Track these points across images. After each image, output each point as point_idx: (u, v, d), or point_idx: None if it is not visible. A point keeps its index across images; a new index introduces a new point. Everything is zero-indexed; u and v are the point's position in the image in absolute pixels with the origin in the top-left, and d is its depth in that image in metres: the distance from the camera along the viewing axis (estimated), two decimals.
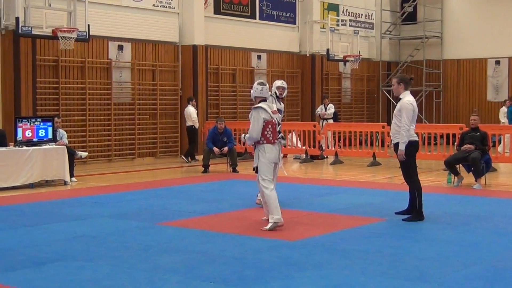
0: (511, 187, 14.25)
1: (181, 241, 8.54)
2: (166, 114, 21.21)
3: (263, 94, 9.69)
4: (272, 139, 9.49)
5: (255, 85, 9.76)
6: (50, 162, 14.33)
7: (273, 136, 9.50)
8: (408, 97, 10.04)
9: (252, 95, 9.80)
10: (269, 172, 9.47)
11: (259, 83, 9.77)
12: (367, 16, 28.87)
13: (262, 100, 9.67)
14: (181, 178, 16.26)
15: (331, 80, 27.15)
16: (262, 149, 9.46)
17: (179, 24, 21.33)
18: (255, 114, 9.50)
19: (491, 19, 27.53)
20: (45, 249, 8.12)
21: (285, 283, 6.54)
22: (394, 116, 10.17)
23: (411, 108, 9.93)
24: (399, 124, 9.99)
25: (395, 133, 10.08)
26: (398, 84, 10.18)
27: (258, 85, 9.74)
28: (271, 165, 9.56)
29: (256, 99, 9.72)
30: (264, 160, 9.44)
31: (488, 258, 7.56)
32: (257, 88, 9.70)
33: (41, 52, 17.98)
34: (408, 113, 9.90)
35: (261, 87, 9.69)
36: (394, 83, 10.25)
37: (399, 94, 10.19)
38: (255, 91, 9.72)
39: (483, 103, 27.88)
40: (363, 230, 9.24)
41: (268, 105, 9.65)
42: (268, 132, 9.45)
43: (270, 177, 9.49)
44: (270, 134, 9.46)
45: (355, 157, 20.12)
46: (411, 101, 9.99)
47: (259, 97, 9.68)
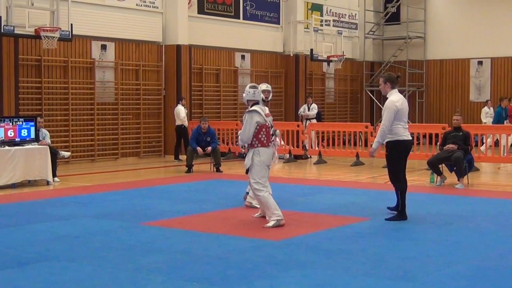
0: (493, 187, 14.33)
1: (164, 241, 8.52)
2: (149, 114, 21.16)
3: (256, 97, 9.75)
4: (266, 142, 9.59)
5: (247, 89, 9.82)
6: (32, 162, 14.25)
7: (267, 139, 9.61)
8: (393, 97, 10.00)
9: (244, 99, 9.87)
10: (262, 175, 9.55)
11: (251, 87, 9.84)
12: (350, 17, 28.94)
13: (255, 103, 9.74)
14: (164, 178, 16.23)
15: (314, 80, 27.20)
16: (256, 152, 9.55)
17: (163, 23, 21.29)
18: (248, 117, 9.58)
19: (474, 20, 27.69)
20: (28, 249, 8.07)
21: (269, 282, 6.54)
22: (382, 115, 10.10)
23: (393, 108, 9.84)
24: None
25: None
26: (384, 83, 10.16)
27: (250, 88, 9.80)
28: (264, 168, 9.62)
29: (248, 102, 9.79)
30: (258, 163, 9.53)
31: (470, 257, 7.59)
32: (250, 91, 9.76)
33: (23, 52, 17.88)
34: (389, 113, 9.83)
35: (253, 90, 9.76)
36: (381, 82, 10.22)
37: (386, 93, 10.15)
38: (247, 94, 9.78)
39: (466, 103, 28.04)
40: (346, 230, 9.26)
41: (261, 108, 9.73)
42: (262, 135, 9.55)
43: (263, 180, 9.56)
44: (264, 137, 9.56)
45: (338, 157, 20.16)
46: (395, 101, 9.91)
47: (251, 100, 9.76)
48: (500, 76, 27.37)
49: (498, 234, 8.97)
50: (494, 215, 10.53)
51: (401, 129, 9.97)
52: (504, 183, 15.08)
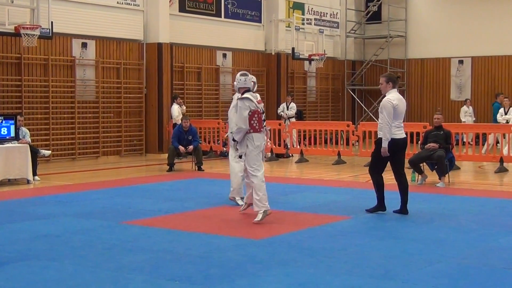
0: (474, 185, 14.41)
1: (146, 240, 8.49)
2: (130, 112, 21.08)
3: (247, 85, 9.97)
4: (259, 128, 9.78)
5: (238, 77, 10.06)
6: (12, 160, 14.15)
7: (259, 124, 9.78)
8: (391, 95, 10.13)
9: (235, 87, 10.09)
10: (256, 160, 9.76)
11: (241, 74, 10.08)
12: (332, 15, 28.99)
13: (246, 91, 9.91)
14: (146, 177, 16.17)
15: (296, 78, 27.22)
16: (250, 138, 9.74)
17: (144, 21, 21.21)
18: (241, 104, 9.75)
19: (454, 19, 27.84)
20: (8, 248, 8.01)
21: (251, 281, 6.53)
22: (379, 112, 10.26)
23: (390, 105, 9.99)
24: (381, 121, 10.11)
25: (379, 130, 10.18)
26: (386, 82, 10.26)
27: (241, 76, 10.04)
28: (259, 154, 9.84)
29: (240, 90, 9.99)
30: (252, 148, 9.73)
31: (452, 255, 7.62)
32: (241, 79, 10.00)
33: (3, 49, 17.75)
34: (388, 110, 10.00)
35: (244, 78, 10.00)
36: (383, 81, 10.30)
37: (386, 92, 10.26)
38: (238, 82, 10.00)
39: (447, 102, 28.19)
40: (328, 228, 9.27)
41: (252, 95, 9.88)
42: (254, 121, 9.73)
43: (257, 164, 9.76)
44: (256, 123, 9.74)
45: (320, 155, 20.19)
46: (391, 99, 10.05)
47: (243, 87, 9.97)
48: (481, 75, 27.53)
49: (479, 232, 9.02)
50: (475, 213, 10.60)
51: (394, 128, 10.11)
52: (485, 181, 15.17)
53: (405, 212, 10.37)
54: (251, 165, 9.77)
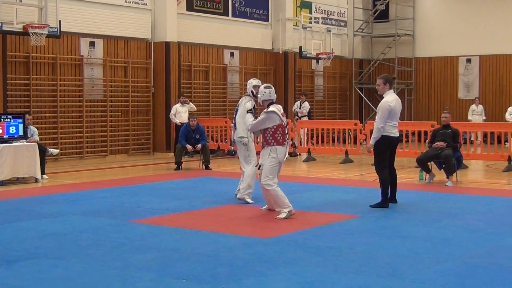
0: (482, 184, 14.37)
1: (153, 239, 8.51)
2: (138, 111, 21.11)
3: (271, 97, 10.14)
4: (282, 141, 9.99)
5: (262, 89, 10.21)
6: (21, 159, 14.19)
7: (283, 138, 10.00)
8: (389, 97, 10.68)
9: (260, 100, 10.25)
10: (273, 172, 9.96)
11: (266, 87, 10.24)
12: (339, 14, 28.96)
13: (271, 103, 10.08)
14: (153, 176, 16.20)
15: (304, 77, 27.21)
16: (273, 151, 9.95)
17: (152, 20, 21.24)
18: (265, 117, 9.94)
19: (462, 18, 27.78)
20: (16, 247, 8.04)
21: (258, 280, 6.53)
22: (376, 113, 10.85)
23: (388, 108, 10.54)
24: None
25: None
26: (384, 84, 10.80)
27: (265, 88, 10.20)
28: (278, 166, 10.06)
29: (264, 102, 10.17)
30: (273, 161, 9.93)
31: (459, 254, 7.61)
32: (265, 92, 10.16)
33: (11, 48, 17.80)
34: (384, 112, 10.54)
35: (269, 91, 10.17)
36: (380, 83, 10.84)
37: (384, 93, 10.81)
38: (263, 95, 10.16)
39: (454, 101, 28.13)
40: (336, 227, 9.27)
41: (277, 108, 10.07)
42: (278, 135, 9.94)
43: (272, 177, 9.94)
44: (280, 136, 9.96)
45: (327, 154, 20.17)
46: (389, 101, 10.59)
47: (267, 100, 10.14)
48: (489, 74, 27.47)
49: (487, 231, 9.00)
50: (483, 212, 10.57)
51: (390, 127, 10.71)
52: (493, 180, 15.13)
53: (394, 201, 11.01)
54: (266, 175, 9.92)
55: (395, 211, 10.53)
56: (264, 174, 9.94)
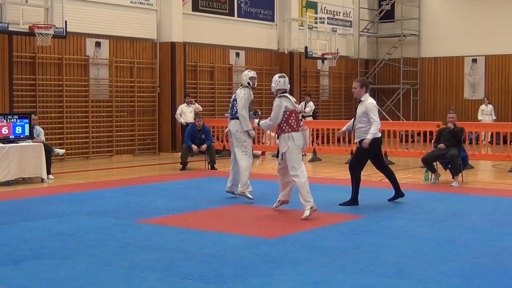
0: (487, 184, 14.35)
1: (159, 239, 8.52)
2: (144, 111, 21.14)
3: (285, 86, 10.21)
4: (296, 127, 10.01)
5: (277, 78, 10.26)
6: (27, 159, 14.22)
7: (297, 124, 10.02)
8: (370, 99, 10.88)
9: (273, 88, 10.28)
10: (298, 159, 9.95)
11: (280, 76, 10.31)
12: (345, 14, 28.95)
13: (284, 92, 10.14)
14: (159, 176, 16.21)
15: (309, 77, 27.20)
16: (290, 137, 9.95)
17: (157, 21, 21.26)
18: (278, 102, 10.01)
19: (468, 18, 27.74)
20: (22, 246, 8.05)
21: (264, 280, 6.53)
22: (357, 118, 10.94)
23: (376, 109, 10.87)
24: (363, 125, 10.84)
25: (361, 133, 10.94)
26: (361, 87, 10.98)
27: (280, 78, 10.27)
28: (300, 153, 10.03)
29: (277, 91, 10.21)
30: (294, 147, 9.94)
31: (465, 254, 7.60)
32: (280, 81, 10.22)
33: (18, 49, 17.84)
34: (374, 111, 10.79)
35: (284, 80, 10.25)
36: (357, 86, 11.00)
37: (361, 96, 10.97)
38: (277, 84, 10.21)
39: (460, 101, 28.09)
40: (341, 227, 9.27)
41: (289, 96, 10.17)
42: (292, 120, 9.98)
43: (299, 163, 9.95)
44: (294, 122, 9.99)
45: (333, 154, 20.16)
46: (373, 102, 10.86)
47: (281, 89, 10.20)
48: (494, 74, 27.43)
49: (493, 231, 8.99)
50: (489, 212, 10.56)
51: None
52: (499, 180, 15.11)
53: (401, 195, 11.30)
54: (292, 164, 9.92)
55: (400, 211, 10.53)
56: (290, 162, 9.93)
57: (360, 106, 10.85)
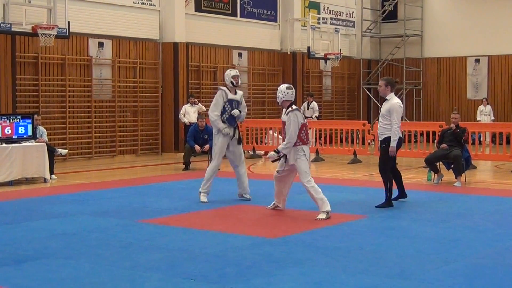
0: (490, 185, 14.34)
1: (162, 239, 8.52)
2: (146, 111, 21.14)
3: (292, 98, 10.27)
4: (306, 140, 10.13)
5: (284, 89, 10.26)
6: (30, 159, 14.23)
7: (307, 137, 10.15)
8: (396, 99, 10.82)
9: (280, 99, 10.31)
10: (309, 170, 10.10)
11: (288, 87, 10.31)
12: (348, 14, 28.94)
13: (292, 104, 10.20)
14: (162, 176, 16.22)
15: (312, 78, 27.19)
16: (301, 150, 10.04)
17: (160, 21, 21.27)
18: (293, 118, 10.03)
19: (471, 18, 27.71)
20: (25, 246, 8.07)
21: (266, 280, 6.53)
22: (381, 116, 10.89)
23: (401, 110, 10.77)
24: (387, 123, 10.76)
25: (384, 131, 10.83)
26: (386, 86, 10.95)
27: (288, 89, 10.28)
28: (307, 163, 10.13)
29: (284, 103, 10.26)
30: (305, 159, 10.05)
31: (468, 254, 7.60)
32: (288, 92, 10.24)
33: (20, 49, 17.85)
34: (398, 114, 10.70)
35: (292, 91, 10.29)
36: (382, 85, 10.99)
37: (386, 95, 10.95)
38: (285, 95, 10.24)
39: (463, 101, 28.06)
40: (344, 227, 9.27)
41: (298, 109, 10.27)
42: (303, 134, 10.08)
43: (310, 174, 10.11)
44: (304, 136, 10.10)
45: (336, 154, 20.15)
46: (400, 103, 10.79)
47: (288, 101, 10.25)
48: (497, 74, 27.40)
49: (495, 232, 8.98)
50: (492, 213, 10.55)
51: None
52: (502, 181, 15.09)
53: (404, 196, 11.45)
54: (306, 176, 9.99)
55: (403, 211, 10.52)
56: (303, 175, 10.01)
57: (385, 104, 10.85)
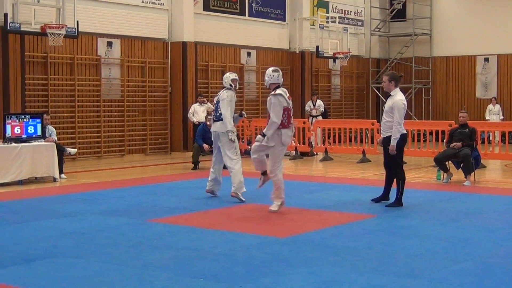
0: (500, 184, 14.29)
1: (171, 238, 8.53)
2: (155, 110, 21.17)
3: (279, 80, 10.27)
4: (287, 124, 10.11)
5: (270, 72, 10.31)
6: (39, 159, 14.28)
7: (288, 121, 10.13)
8: (400, 95, 10.67)
9: (267, 82, 10.34)
10: (279, 158, 10.12)
11: (274, 70, 10.35)
12: (356, 13, 28.90)
13: (277, 87, 10.21)
14: (171, 175, 16.23)
15: (320, 77, 27.17)
16: (278, 134, 10.04)
17: (169, 20, 21.28)
18: (275, 100, 10.05)
19: (480, 17, 27.62)
20: (35, 246, 8.08)
21: (275, 279, 6.53)
22: (385, 112, 10.78)
23: (403, 107, 10.59)
24: (390, 120, 10.60)
25: (387, 128, 10.70)
26: (389, 81, 10.75)
27: (274, 72, 10.32)
28: (283, 150, 10.18)
29: (271, 85, 10.27)
30: (278, 145, 10.05)
31: (477, 254, 7.58)
32: (273, 75, 10.27)
33: (29, 49, 17.90)
34: (400, 111, 10.56)
35: (277, 74, 10.30)
36: (385, 80, 10.81)
37: (390, 91, 10.77)
38: (271, 78, 10.27)
39: (472, 100, 27.99)
40: (353, 227, 9.25)
41: (283, 91, 10.21)
42: (284, 117, 10.06)
43: (279, 163, 10.12)
44: (285, 119, 10.09)
45: (344, 153, 20.12)
46: (403, 100, 10.66)
47: (274, 83, 10.26)
48: (507, 73, 27.31)
49: (505, 231, 8.95)
50: (501, 212, 10.51)
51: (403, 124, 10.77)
52: (511, 180, 15.03)
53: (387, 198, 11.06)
54: (274, 162, 10.07)
55: (412, 210, 10.50)
56: (272, 160, 10.09)
57: (389, 100, 10.63)
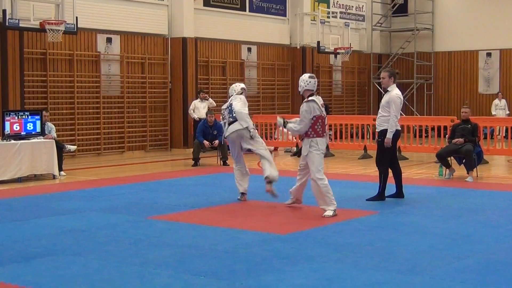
0: (502, 180, 14.24)
1: (171, 235, 8.49)
2: (155, 107, 21.12)
3: (314, 87, 9.95)
4: (322, 133, 9.88)
5: (307, 78, 9.97)
6: (38, 156, 14.22)
7: (322, 129, 9.91)
8: (396, 91, 10.84)
9: (301, 88, 10.00)
10: (321, 163, 9.85)
11: (310, 76, 10.03)
12: (357, 8, 28.81)
13: (312, 94, 9.91)
14: (171, 172, 16.19)
15: (322, 72, 27.09)
16: (314, 143, 9.84)
17: (169, 16, 21.22)
18: (306, 107, 9.81)
19: (482, 11, 27.55)
20: (34, 243, 8.05)
21: (277, 276, 6.49)
22: (381, 107, 10.92)
23: (399, 101, 10.76)
24: (386, 114, 10.76)
25: (382, 122, 10.86)
26: (389, 77, 10.93)
27: (310, 78, 9.99)
28: (321, 154, 9.92)
29: (305, 92, 9.96)
30: (317, 153, 9.81)
31: (480, 250, 7.53)
32: (310, 81, 9.93)
33: (28, 45, 17.84)
34: (397, 106, 10.70)
35: (314, 80, 9.97)
36: (386, 76, 10.97)
37: (388, 86, 10.92)
38: (307, 84, 9.93)
39: (475, 96, 27.91)
40: (355, 223, 9.21)
41: (318, 99, 9.96)
42: (318, 126, 9.84)
43: (322, 167, 9.86)
44: (320, 128, 9.86)
45: (346, 150, 20.08)
46: (399, 95, 10.83)
47: (309, 90, 9.94)
48: (509, 68, 27.24)
49: (508, 227, 8.91)
50: (504, 208, 10.47)
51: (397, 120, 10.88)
52: None
53: (401, 195, 11.12)
54: (318, 168, 9.74)
55: (414, 207, 10.45)
56: (315, 166, 9.76)
57: (386, 95, 10.84)
